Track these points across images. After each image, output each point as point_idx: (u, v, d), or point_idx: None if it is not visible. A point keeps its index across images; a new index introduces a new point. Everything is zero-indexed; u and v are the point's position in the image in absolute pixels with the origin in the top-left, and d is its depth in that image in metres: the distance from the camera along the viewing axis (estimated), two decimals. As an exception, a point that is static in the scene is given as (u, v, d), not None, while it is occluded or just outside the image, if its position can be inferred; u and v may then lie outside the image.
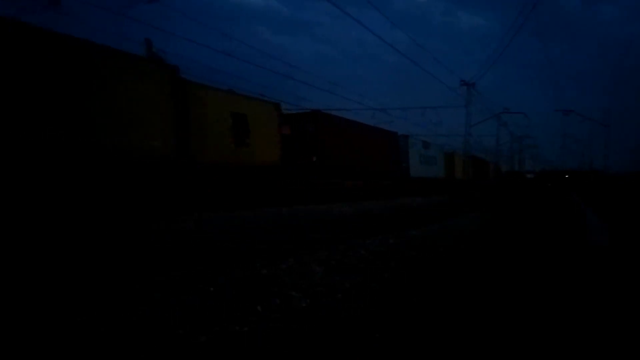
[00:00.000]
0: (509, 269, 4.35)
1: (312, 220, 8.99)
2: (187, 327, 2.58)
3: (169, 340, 2.40)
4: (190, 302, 3.05)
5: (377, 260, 4.73)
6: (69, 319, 2.67)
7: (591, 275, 4.13)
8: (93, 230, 6.92)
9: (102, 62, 9.48)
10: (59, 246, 5.30)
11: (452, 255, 5.14)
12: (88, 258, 4.62)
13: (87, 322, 2.62)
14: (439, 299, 3.30)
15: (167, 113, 10.77)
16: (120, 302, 3.00)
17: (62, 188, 8.18)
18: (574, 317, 2.89)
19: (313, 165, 16.33)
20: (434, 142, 29.94)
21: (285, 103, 16.28)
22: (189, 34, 16.76)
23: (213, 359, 2.23)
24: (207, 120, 11.85)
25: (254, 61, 18.01)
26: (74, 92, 8.82)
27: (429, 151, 27.36)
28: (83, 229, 7.01)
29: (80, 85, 8.91)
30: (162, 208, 9.38)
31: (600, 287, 3.71)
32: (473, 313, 2.97)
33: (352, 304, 3.15)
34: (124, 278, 3.68)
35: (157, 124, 10.46)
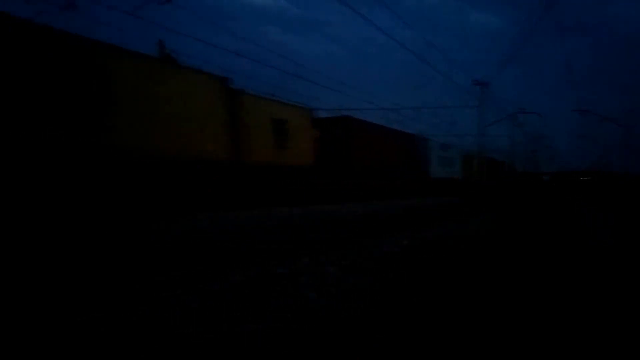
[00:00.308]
0: (515, 272, 4.33)
1: (334, 219, 9.29)
2: (204, 325, 2.62)
3: (178, 339, 2.43)
4: (206, 300, 3.10)
5: (389, 261, 4.77)
6: (69, 318, 2.68)
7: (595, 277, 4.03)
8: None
9: (171, 76, 11.02)
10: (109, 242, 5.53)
11: (464, 257, 5.13)
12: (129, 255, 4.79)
13: (88, 321, 2.63)
14: (448, 300, 3.29)
15: (221, 119, 12.09)
16: (124, 301, 3.08)
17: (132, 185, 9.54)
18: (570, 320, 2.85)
19: (342, 167, 17.78)
20: (452, 144, 30.90)
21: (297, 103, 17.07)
22: (200, 33, 17.42)
23: (227, 358, 2.26)
24: (251, 125, 13.28)
25: (264, 61, 18.94)
26: (152, 107, 10.29)
27: (447, 153, 28.67)
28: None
29: (154, 99, 10.47)
30: (215, 204, 10.76)
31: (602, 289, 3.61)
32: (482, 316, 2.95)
33: (365, 304, 3.19)
34: (137, 276, 3.80)
35: (213, 130, 12.00)
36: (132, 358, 2.22)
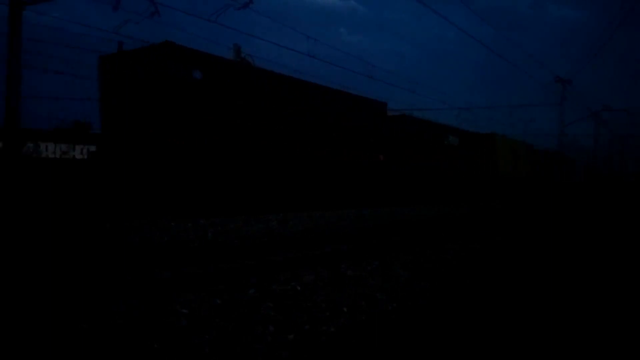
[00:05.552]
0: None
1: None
2: (277, 324, 2.70)
3: (253, 336, 2.52)
4: (283, 300, 3.17)
5: (461, 265, 4.68)
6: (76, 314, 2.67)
7: None
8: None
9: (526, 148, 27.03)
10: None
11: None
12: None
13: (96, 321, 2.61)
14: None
15: (528, 159, 27.14)
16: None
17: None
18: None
19: (544, 175, 29.74)
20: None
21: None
22: (275, 37, 17.68)
23: (304, 356, 2.31)
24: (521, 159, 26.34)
25: (335, 62, 19.02)
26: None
27: (578, 167, 42.74)
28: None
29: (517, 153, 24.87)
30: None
31: None
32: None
33: (436, 309, 3.17)
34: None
35: (527, 162, 26.66)
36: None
